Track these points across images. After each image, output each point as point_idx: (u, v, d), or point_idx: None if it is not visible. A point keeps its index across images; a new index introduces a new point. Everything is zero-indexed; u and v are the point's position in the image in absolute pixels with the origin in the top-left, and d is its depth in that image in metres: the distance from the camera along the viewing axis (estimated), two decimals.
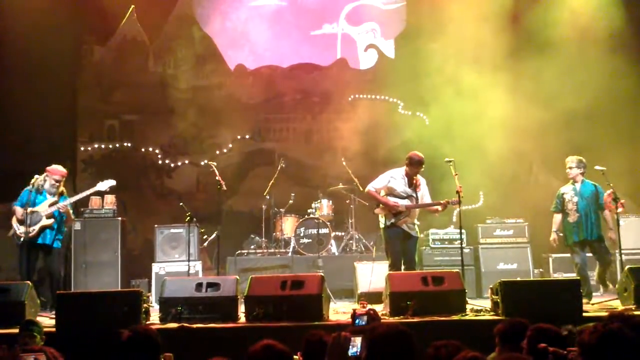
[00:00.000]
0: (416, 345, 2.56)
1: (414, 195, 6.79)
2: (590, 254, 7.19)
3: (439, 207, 6.80)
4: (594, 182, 7.22)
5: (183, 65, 10.88)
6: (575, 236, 7.01)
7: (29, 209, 6.81)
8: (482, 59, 10.35)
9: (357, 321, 2.90)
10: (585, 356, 2.10)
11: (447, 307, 5.67)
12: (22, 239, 6.74)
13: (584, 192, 7.08)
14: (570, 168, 7.14)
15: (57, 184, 7.05)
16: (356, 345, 2.76)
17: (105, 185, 7.34)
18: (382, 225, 6.86)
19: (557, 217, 7.18)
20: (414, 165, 6.75)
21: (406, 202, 6.75)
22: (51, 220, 6.92)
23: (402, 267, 6.72)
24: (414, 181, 6.83)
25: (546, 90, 9.62)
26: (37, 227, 6.85)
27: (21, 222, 6.79)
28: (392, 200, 6.76)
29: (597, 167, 7.13)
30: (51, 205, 6.96)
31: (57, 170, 7.12)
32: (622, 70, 8.93)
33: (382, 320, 4.38)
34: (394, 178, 6.83)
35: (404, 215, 6.70)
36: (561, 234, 7.23)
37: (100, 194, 8.37)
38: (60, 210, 6.93)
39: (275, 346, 2.64)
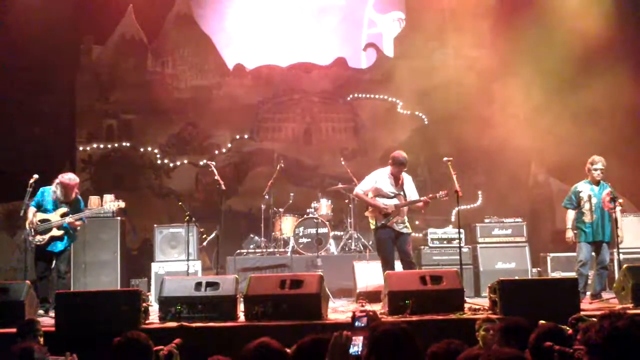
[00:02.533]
0: (418, 345, 2.56)
1: (401, 193, 6.85)
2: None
3: (423, 202, 6.81)
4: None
5: (182, 64, 10.88)
6: (590, 236, 6.94)
7: (42, 217, 6.75)
8: (481, 58, 10.38)
9: (356, 323, 2.90)
10: (592, 355, 2.10)
11: (446, 306, 5.68)
12: (33, 245, 6.73)
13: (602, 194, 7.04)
14: (601, 169, 6.97)
15: (71, 192, 6.87)
16: (357, 344, 2.76)
17: (114, 205, 7.25)
18: (372, 227, 6.90)
19: (571, 214, 7.07)
20: (397, 165, 6.81)
21: (394, 201, 6.79)
22: (61, 232, 6.79)
23: (400, 263, 6.76)
24: (400, 180, 6.89)
25: (546, 90, 9.65)
26: (46, 237, 6.75)
27: (31, 223, 6.71)
28: (380, 201, 6.80)
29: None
30: (63, 215, 6.81)
31: (70, 179, 6.91)
32: (623, 73, 8.95)
33: (381, 320, 4.39)
34: (380, 179, 6.89)
35: (394, 215, 6.74)
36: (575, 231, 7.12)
37: (100, 192, 8.39)
38: (70, 225, 6.81)
39: (270, 344, 2.65)
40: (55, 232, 6.78)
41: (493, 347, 3.31)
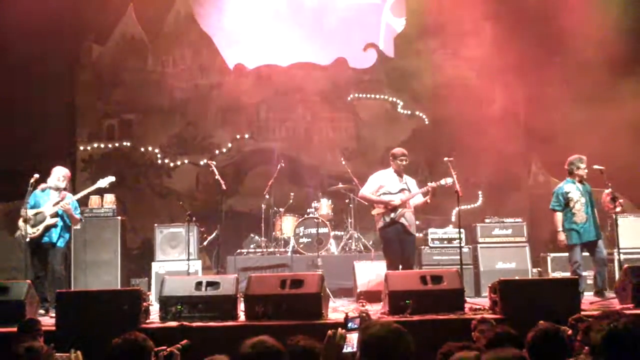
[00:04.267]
0: (411, 343, 2.56)
1: (406, 187, 6.92)
2: (586, 253, 7.17)
3: (429, 193, 6.80)
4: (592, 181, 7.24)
5: (182, 64, 10.88)
6: (583, 237, 6.94)
7: (35, 210, 6.87)
8: (482, 58, 10.38)
9: (349, 324, 2.90)
10: (593, 355, 2.12)
11: (446, 306, 5.68)
12: (27, 239, 6.77)
13: (587, 192, 7.07)
14: (585, 168, 7.02)
15: (60, 182, 7.08)
16: (351, 343, 2.77)
17: (105, 181, 7.38)
18: (379, 226, 6.91)
19: (560, 216, 7.09)
20: (397, 157, 6.91)
21: (400, 195, 6.84)
22: (55, 220, 6.93)
23: (400, 266, 6.76)
24: (402, 176, 6.98)
25: (548, 90, 9.65)
26: (41, 227, 6.87)
27: (26, 221, 6.80)
28: (385, 198, 6.85)
29: (595, 167, 7.14)
30: (55, 204, 6.98)
31: (60, 169, 7.20)
32: (626, 74, 8.92)
33: (373, 320, 4.39)
34: (384, 177, 6.98)
35: (401, 208, 6.79)
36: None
37: (101, 192, 8.39)
38: (63, 209, 6.94)
39: (267, 342, 2.65)
40: (49, 221, 6.89)
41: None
